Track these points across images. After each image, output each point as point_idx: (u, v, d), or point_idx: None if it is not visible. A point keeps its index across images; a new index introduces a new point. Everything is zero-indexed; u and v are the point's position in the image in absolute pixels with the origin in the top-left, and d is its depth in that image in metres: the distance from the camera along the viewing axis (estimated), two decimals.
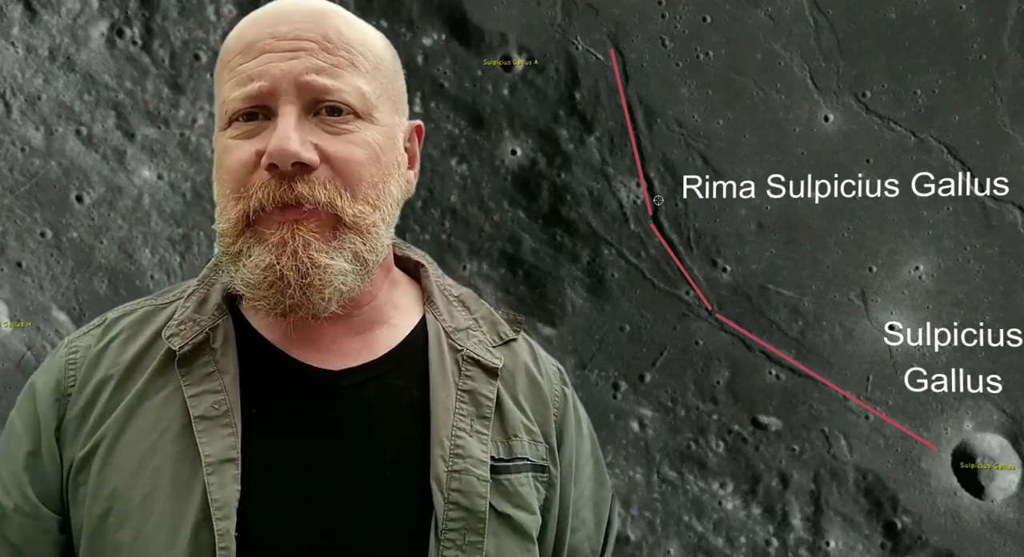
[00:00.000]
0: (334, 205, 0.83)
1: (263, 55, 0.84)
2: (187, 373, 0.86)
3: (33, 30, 2.02)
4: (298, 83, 0.83)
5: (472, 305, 1.00)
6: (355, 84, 0.85)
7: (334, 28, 0.86)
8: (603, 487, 1.05)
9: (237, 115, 0.85)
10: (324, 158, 0.83)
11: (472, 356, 0.93)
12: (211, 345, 0.88)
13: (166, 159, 2.07)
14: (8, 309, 2.00)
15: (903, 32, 2.09)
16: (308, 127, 0.83)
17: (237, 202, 0.84)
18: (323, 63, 0.84)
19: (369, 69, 0.87)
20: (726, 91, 2.12)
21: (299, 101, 0.83)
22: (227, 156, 0.85)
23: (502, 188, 2.13)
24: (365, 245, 0.85)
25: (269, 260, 0.82)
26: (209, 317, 0.89)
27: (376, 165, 0.86)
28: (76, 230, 2.03)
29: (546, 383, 1.00)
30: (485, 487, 0.87)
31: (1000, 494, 2.12)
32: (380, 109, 0.88)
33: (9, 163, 2.00)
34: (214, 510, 0.80)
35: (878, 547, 2.13)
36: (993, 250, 2.10)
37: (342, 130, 0.84)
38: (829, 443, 2.13)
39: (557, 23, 2.12)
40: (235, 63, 0.85)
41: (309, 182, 0.82)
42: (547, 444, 0.95)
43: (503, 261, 2.13)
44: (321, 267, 0.82)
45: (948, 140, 2.09)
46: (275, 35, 0.84)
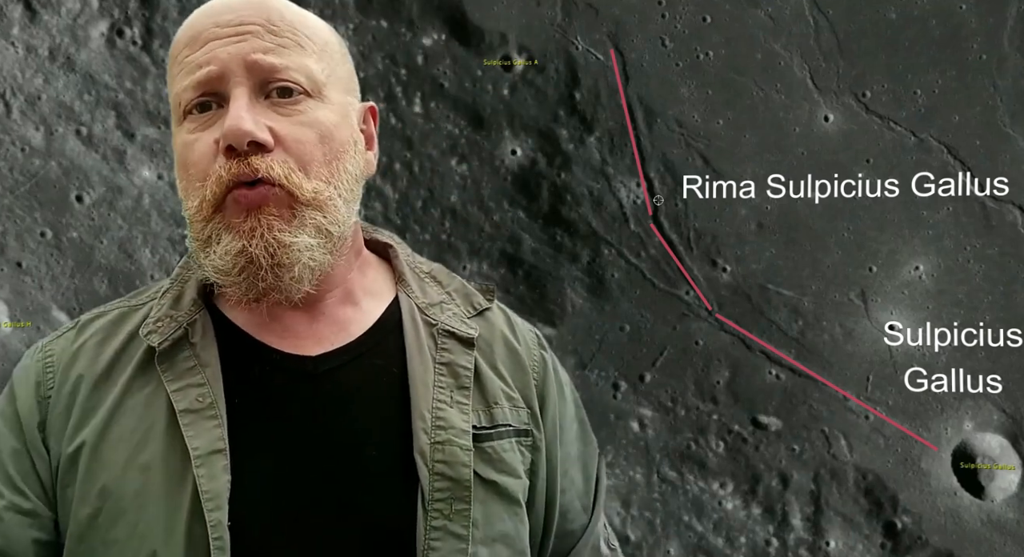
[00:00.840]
0: (290, 181, 0.84)
1: (209, 43, 0.85)
2: (168, 368, 0.87)
3: (33, 30, 2.02)
4: (247, 63, 0.84)
5: (444, 279, 1.03)
6: (303, 63, 0.87)
7: (276, 12, 0.88)
8: (589, 445, 1.07)
9: (191, 106, 0.86)
10: (277, 141, 0.85)
11: (447, 329, 0.95)
12: (190, 340, 0.89)
13: (166, 159, 2.07)
14: (8, 309, 2.00)
15: (903, 32, 2.09)
16: (260, 109, 0.85)
17: (200, 189, 0.85)
18: (269, 44, 0.86)
19: (316, 50, 0.89)
20: (726, 91, 2.12)
21: (249, 82, 0.84)
22: (187, 151, 0.87)
23: (502, 188, 2.13)
24: (326, 218, 0.87)
25: (240, 244, 0.84)
26: (186, 312, 0.91)
27: (328, 143, 0.88)
28: (76, 230, 2.03)
29: (524, 349, 1.01)
30: (469, 456, 0.89)
31: (1000, 494, 2.12)
32: (330, 88, 0.89)
33: (9, 163, 2.00)
34: (205, 502, 0.81)
35: (878, 547, 2.13)
36: (993, 250, 2.10)
37: (293, 111, 0.86)
38: (829, 443, 2.13)
39: (557, 23, 2.12)
40: (183, 56, 0.87)
41: (264, 158, 0.84)
42: (528, 409, 0.97)
43: (503, 261, 2.13)
44: (287, 245, 0.84)
45: (948, 140, 2.09)
46: (219, 23, 0.86)
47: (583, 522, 1.04)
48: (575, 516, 1.03)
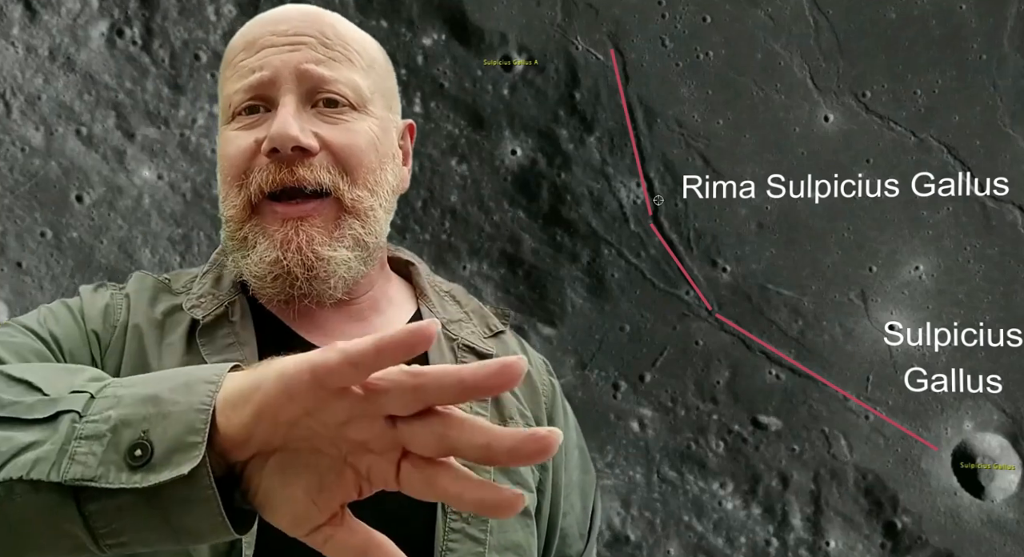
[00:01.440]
0: (336, 188, 0.87)
1: (264, 50, 0.89)
2: (208, 343, 0.89)
3: (33, 30, 2.02)
4: (298, 72, 0.87)
5: (462, 299, 1.05)
6: (351, 77, 0.90)
7: (330, 26, 0.91)
8: (587, 474, 1.10)
9: (240, 108, 0.89)
10: (324, 145, 0.88)
11: (467, 344, 0.97)
12: (229, 318, 0.91)
13: (166, 159, 2.07)
14: (8, 309, 1.99)
15: (903, 32, 2.09)
16: (307, 117, 0.88)
17: (240, 189, 0.88)
18: (321, 55, 0.89)
19: (364, 66, 0.92)
20: (726, 91, 2.12)
21: (298, 90, 0.88)
22: (228, 146, 0.89)
23: (502, 188, 2.13)
24: (364, 228, 0.89)
25: (275, 255, 0.86)
26: (226, 293, 0.93)
27: (374, 152, 0.91)
28: (76, 230, 2.03)
29: (535, 373, 1.04)
30: None
31: (1000, 494, 2.12)
32: (375, 103, 0.93)
33: (9, 163, 2.00)
34: None
35: (878, 547, 2.13)
36: (993, 250, 2.10)
37: (339, 120, 0.89)
38: (829, 443, 2.13)
39: (557, 23, 2.12)
40: (238, 60, 0.91)
41: (310, 166, 0.86)
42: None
43: (503, 261, 2.13)
44: (325, 259, 0.87)
45: (948, 140, 2.09)
46: (275, 32, 0.90)
47: (579, 549, 1.06)
48: (572, 541, 1.05)
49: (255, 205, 0.87)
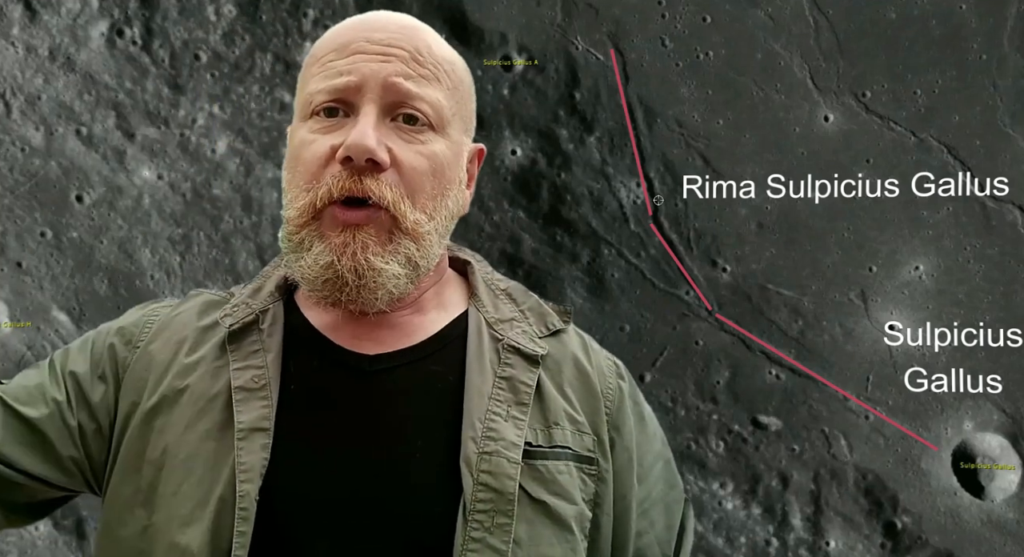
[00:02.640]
0: (397, 207, 0.87)
1: (356, 55, 0.89)
2: (236, 349, 0.92)
3: (33, 30, 2.02)
4: (385, 83, 0.88)
5: (519, 297, 1.04)
6: (436, 97, 0.90)
7: (425, 43, 0.92)
8: (674, 489, 1.03)
9: (320, 108, 0.89)
10: (394, 162, 0.88)
11: (513, 344, 0.95)
12: (259, 326, 0.93)
13: (166, 159, 2.07)
14: (8, 309, 2.00)
15: (903, 32, 2.09)
16: (385, 130, 0.88)
17: (307, 193, 0.88)
18: (411, 71, 0.89)
19: (450, 86, 0.92)
20: (726, 91, 2.12)
21: (381, 101, 0.88)
22: (303, 149, 0.90)
23: (502, 188, 2.13)
24: (419, 251, 0.90)
25: (330, 259, 0.87)
26: (261, 302, 0.96)
27: (440, 178, 0.91)
28: (76, 230, 2.03)
29: (596, 374, 0.99)
30: (516, 469, 0.87)
31: (1000, 494, 2.12)
32: (453, 126, 0.93)
33: (9, 163, 2.00)
34: (239, 474, 0.84)
35: (878, 547, 2.13)
36: (993, 250, 2.10)
37: (415, 139, 0.89)
38: (829, 443, 2.13)
39: (557, 23, 2.12)
40: (327, 59, 0.90)
41: (377, 179, 0.87)
42: (595, 436, 0.94)
43: (503, 261, 2.13)
44: (376, 270, 0.87)
45: (948, 140, 2.09)
46: (370, 39, 0.90)
47: None
48: None
49: (318, 209, 0.88)
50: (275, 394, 0.89)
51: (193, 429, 0.88)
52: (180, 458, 0.87)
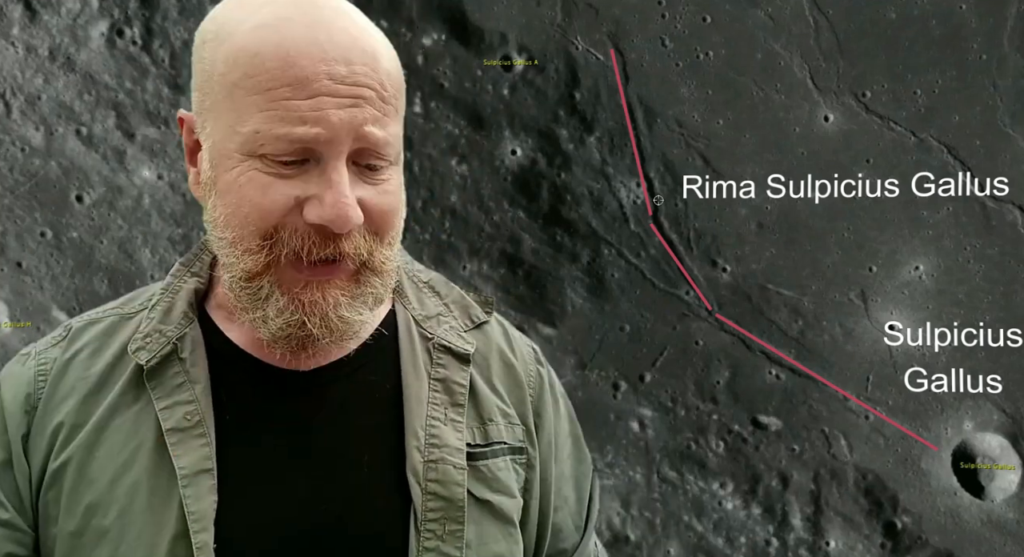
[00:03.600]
0: (370, 255, 0.82)
1: (320, 98, 0.76)
2: (157, 386, 0.84)
3: (33, 30, 2.02)
4: (357, 135, 0.78)
5: (442, 290, 1.00)
6: (397, 133, 0.83)
7: (386, 73, 0.81)
8: (583, 463, 1.05)
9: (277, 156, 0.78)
10: (364, 212, 0.81)
11: (443, 344, 0.93)
12: (179, 355, 0.86)
13: (166, 159, 2.07)
14: (8, 309, 2.00)
15: (903, 32, 2.09)
16: (352, 180, 0.80)
17: (264, 245, 0.79)
18: (379, 113, 0.80)
19: (401, 109, 0.85)
20: (726, 91, 2.12)
21: (349, 151, 0.79)
22: (256, 192, 0.78)
23: (502, 188, 2.13)
24: (383, 285, 0.85)
25: (298, 318, 0.81)
26: (175, 326, 0.87)
27: (400, 208, 0.86)
28: (76, 230, 2.03)
29: (520, 364, 0.99)
30: (462, 475, 0.87)
31: (1000, 494, 2.12)
32: (400, 146, 0.86)
33: (9, 163, 2.00)
34: (191, 523, 0.79)
35: (878, 547, 2.13)
36: (993, 250, 2.10)
37: (378, 180, 0.82)
38: (829, 443, 2.13)
39: (557, 23, 2.12)
40: (280, 95, 0.77)
41: (352, 238, 0.80)
42: (524, 425, 0.95)
43: (503, 261, 2.13)
44: (348, 323, 0.82)
45: (948, 140, 2.09)
46: (334, 77, 0.77)
47: (575, 541, 1.03)
48: (567, 535, 1.02)
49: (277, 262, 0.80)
50: (212, 429, 0.83)
51: (121, 482, 0.81)
52: (112, 517, 0.80)
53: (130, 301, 0.93)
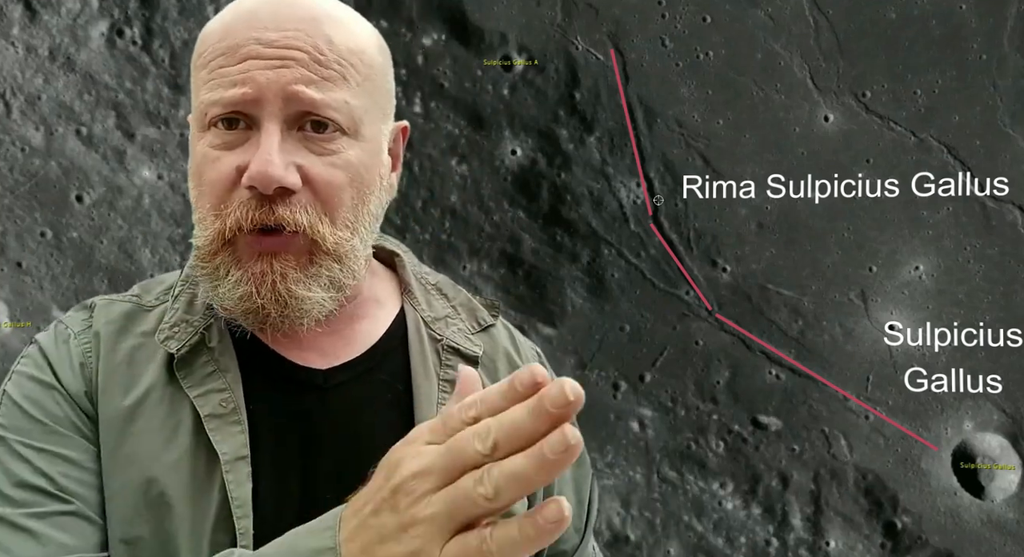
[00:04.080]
0: (315, 230, 0.81)
1: (248, 61, 0.79)
2: (187, 375, 0.85)
3: (33, 30, 2.02)
4: (285, 93, 0.79)
5: (450, 292, 1.00)
6: (344, 99, 0.81)
7: (325, 38, 0.81)
8: (582, 466, 1.05)
9: (216, 120, 0.81)
10: (306, 180, 0.81)
11: (452, 345, 0.94)
12: (207, 344, 0.87)
13: (166, 159, 2.07)
14: (8, 309, 2.00)
15: (903, 32, 2.09)
16: (291, 144, 0.80)
17: (215, 219, 0.81)
18: (313, 75, 0.80)
19: (360, 81, 0.83)
20: (726, 91, 2.12)
21: (283, 113, 0.79)
22: (206, 166, 0.82)
23: (502, 188, 2.13)
24: (342, 270, 0.84)
25: (248, 290, 0.81)
26: (201, 316, 0.88)
27: (357, 187, 0.84)
28: (76, 230, 2.03)
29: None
30: None
31: (1000, 494, 2.12)
32: (366, 122, 0.85)
33: (9, 163, 2.00)
34: (235, 508, 0.80)
35: (878, 547, 2.13)
36: (993, 250, 2.10)
37: (326, 150, 0.81)
38: (829, 443, 2.13)
39: (557, 23, 2.12)
40: (216, 64, 0.81)
41: (290, 204, 0.80)
42: None
43: (503, 261, 2.13)
44: (299, 298, 0.82)
45: (948, 140, 2.09)
46: (262, 41, 0.79)
47: (574, 543, 1.03)
48: (567, 536, 1.01)
49: (228, 238, 0.81)
50: (245, 417, 0.83)
51: (163, 459, 0.82)
52: (153, 494, 0.81)
53: (145, 292, 0.93)
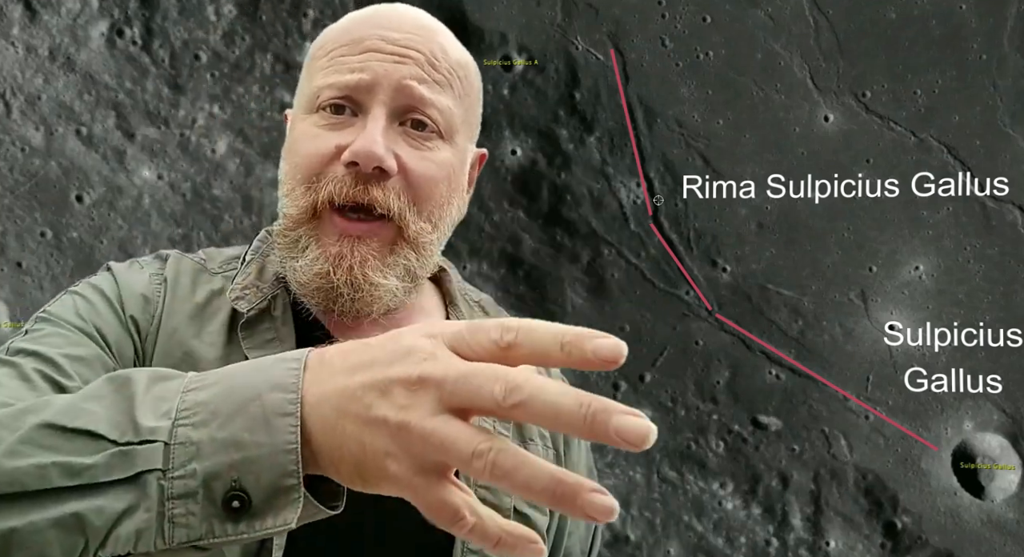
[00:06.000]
0: (402, 217, 0.84)
1: (369, 53, 0.85)
2: (249, 336, 0.86)
3: (33, 30, 2.02)
4: (398, 86, 0.84)
5: (491, 311, 1.03)
6: (447, 104, 0.87)
7: (441, 47, 0.88)
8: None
9: (327, 103, 0.86)
10: (401, 169, 0.84)
11: None
12: (271, 313, 0.89)
13: (166, 159, 2.07)
14: (8, 309, 2.00)
15: (903, 32, 2.09)
16: (393, 135, 0.85)
17: (307, 191, 0.85)
18: (426, 75, 0.86)
19: (462, 93, 0.89)
20: (726, 91, 2.12)
21: (392, 104, 0.84)
22: (306, 142, 0.86)
23: (502, 188, 2.13)
24: (419, 261, 0.87)
25: (325, 268, 0.84)
26: (270, 286, 0.90)
27: (447, 186, 0.88)
28: (76, 230, 2.03)
29: None
30: None
31: (1000, 494, 2.12)
32: (460, 134, 0.90)
33: (9, 163, 2.00)
34: None
35: (878, 547, 2.13)
36: (993, 250, 2.10)
37: (423, 146, 0.86)
38: (829, 443, 2.13)
39: (557, 23, 2.12)
40: (337, 53, 0.87)
41: (384, 188, 0.83)
42: (555, 450, 0.97)
43: (503, 261, 2.13)
44: (373, 285, 0.84)
45: (948, 140, 2.09)
46: (385, 38, 0.86)
47: None
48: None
49: (318, 211, 0.85)
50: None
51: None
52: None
53: (209, 259, 0.94)
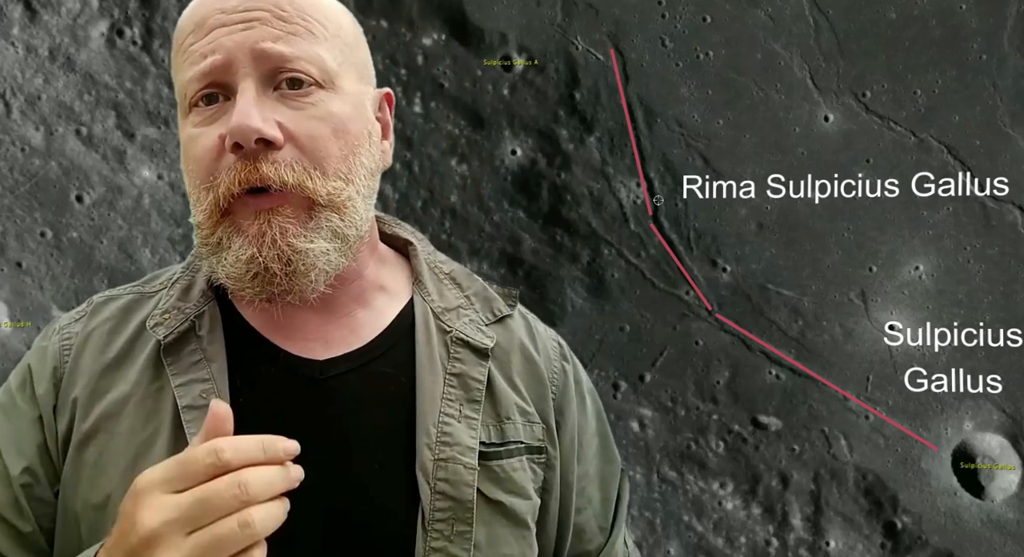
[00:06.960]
0: (303, 187, 0.80)
1: (214, 31, 0.81)
2: (174, 362, 0.84)
3: (33, 30, 2.02)
4: (254, 52, 0.79)
5: (464, 282, 0.98)
6: (314, 51, 0.82)
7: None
8: (611, 463, 1.02)
9: (196, 98, 0.82)
10: (288, 136, 0.80)
11: (461, 337, 0.90)
12: (197, 333, 0.85)
13: (166, 159, 2.07)
14: (8, 309, 2.00)
15: (903, 32, 2.09)
16: (269, 104, 0.80)
17: (207, 192, 0.80)
18: (279, 31, 0.80)
19: (328, 36, 0.84)
20: (726, 91, 2.12)
21: (256, 73, 0.80)
22: (192, 145, 0.82)
23: (502, 188, 2.13)
24: (343, 221, 0.83)
25: (251, 252, 0.80)
26: (194, 304, 0.87)
27: (344, 137, 0.83)
28: (76, 230, 2.03)
29: (543, 360, 0.95)
30: (472, 475, 0.84)
31: (1000, 494, 2.12)
32: (343, 77, 0.84)
33: (9, 163, 2.00)
34: None
35: (878, 547, 2.13)
36: (993, 250, 2.10)
37: (304, 104, 0.81)
38: (829, 443, 2.13)
39: (557, 23, 2.12)
40: (188, 43, 0.83)
41: (274, 162, 0.79)
42: (544, 424, 0.93)
43: (503, 261, 2.13)
44: (302, 252, 0.80)
45: (948, 140, 2.09)
46: (224, 10, 0.81)
47: (599, 542, 1.00)
48: (591, 536, 0.99)
49: (224, 208, 0.80)
50: None
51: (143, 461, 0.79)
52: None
53: (151, 280, 0.93)
